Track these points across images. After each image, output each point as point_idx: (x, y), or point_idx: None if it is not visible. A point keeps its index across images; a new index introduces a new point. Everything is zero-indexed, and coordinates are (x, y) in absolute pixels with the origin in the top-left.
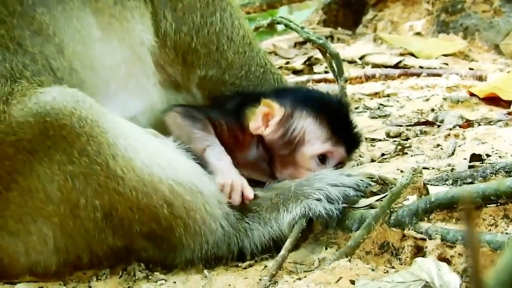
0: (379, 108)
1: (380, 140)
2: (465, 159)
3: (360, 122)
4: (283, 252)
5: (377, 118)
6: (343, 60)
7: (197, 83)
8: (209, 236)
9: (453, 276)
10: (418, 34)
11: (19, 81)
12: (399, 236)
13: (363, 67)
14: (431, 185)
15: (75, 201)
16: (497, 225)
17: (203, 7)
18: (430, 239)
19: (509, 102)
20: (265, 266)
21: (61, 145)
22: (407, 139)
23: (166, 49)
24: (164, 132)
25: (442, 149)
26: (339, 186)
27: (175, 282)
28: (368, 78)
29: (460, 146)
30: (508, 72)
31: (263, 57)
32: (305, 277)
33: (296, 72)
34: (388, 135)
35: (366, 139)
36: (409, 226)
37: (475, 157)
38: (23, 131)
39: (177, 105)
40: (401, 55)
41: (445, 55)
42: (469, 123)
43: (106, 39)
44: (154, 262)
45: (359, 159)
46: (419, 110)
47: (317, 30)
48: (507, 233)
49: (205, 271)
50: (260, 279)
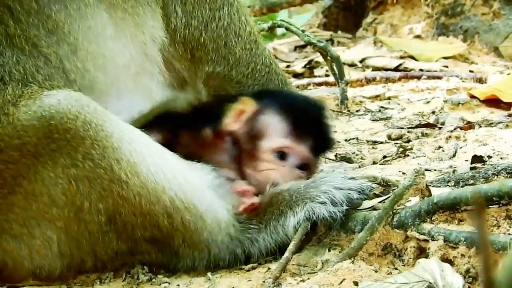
0: (380, 111)
1: (381, 142)
2: (466, 160)
3: (362, 124)
4: (286, 254)
5: (378, 120)
6: (344, 63)
7: (204, 79)
8: (210, 250)
9: (456, 277)
10: (418, 37)
11: (29, 85)
12: (402, 237)
13: (364, 70)
14: (433, 186)
15: (79, 204)
16: (499, 226)
17: (211, 1)
18: (433, 240)
19: (510, 104)
20: (269, 269)
21: (65, 148)
22: (408, 141)
23: (176, 44)
24: None
25: (443, 151)
26: (344, 189)
27: (178, 285)
28: (369, 81)
29: (461, 148)
30: (508, 74)
31: (268, 56)
32: (308, 279)
33: (297, 76)
34: (389, 137)
35: (367, 141)
36: (412, 227)
37: (476, 158)
38: (27, 134)
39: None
40: (401, 58)
41: (445, 58)
42: (470, 125)
43: (118, 36)
44: (157, 266)
45: (361, 161)
46: (420, 112)
47: (318, 33)
48: (509, 233)
49: (209, 274)
50: (264, 281)
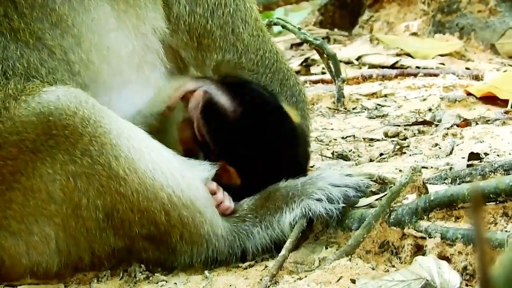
0: (376, 108)
1: (378, 140)
2: (463, 158)
3: (358, 122)
4: (283, 252)
5: (374, 118)
6: (340, 61)
7: (213, 67)
8: (208, 245)
9: (453, 274)
10: (414, 34)
11: (32, 80)
12: (399, 235)
13: (360, 68)
14: (430, 184)
15: (77, 201)
16: (496, 223)
17: None
18: (430, 237)
19: (506, 101)
20: (266, 266)
21: (63, 145)
22: (405, 138)
23: (179, 32)
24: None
25: (440, 148)
26: (341, 186)
27: (175, 283)
28: (365, 79)
29: (458, 145)
30: (505, 71)
31: (274, 45)
32: (305, 276)
33: None
34: (386, 135)
35: (364, 139)
36: (409, 224)
37: (473, 155)
38: (26, 130)
39: None
40: (398, 55)
41: (441, 55)
42: (466, 122)
43: (121, 27)
44: (154, 263)
45: (357, 159)
46: (416, 110)
47: (314, 31)
48: (506, 230)
49: (206, 272)
50: (261, 279)
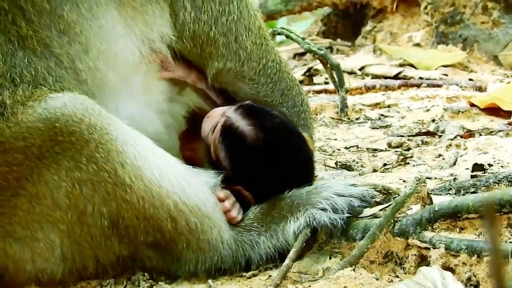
0: (380, 119)
1: (381, 150)
2: (467, 169)
3: (361, 132)
4: (287, 261)
5: (378, 128)
6: (343, 71)
7: (213, 75)
8: (213, 253)
9: (458, 285)
10: (417, 45)
11: (39, 87)
12: (403, 245)
13: (363, 78)
14: (434, 194)
15: (83, 208)
16: (500, 234)
17: None
18: (434, 248)
19: (509, 113)
20: (269, 276)
21: (69, 151)
22: (408, 149)
23: (184, 39)
24: (167, 133)
25: (443, 159)
26: (345, 196)
27: None
28: (369, 89)
29: (461, 156)
30: (508, 82)
31: (277, 54)
32: (309, 286)
33: None
34: (389, 145)
35: (367, 149)
36: (413, 235)
37: (477, 166)
38: (32, 136)
39: None
40: (401, 66)
41: (445, 66)
42: (470, 133)
43: (128, 34)
44: (158, 272)
45: (361, 169)
46: (420, 120)
47: (317, 41)
48: (511, 242)
49: (210, 281)
50: None
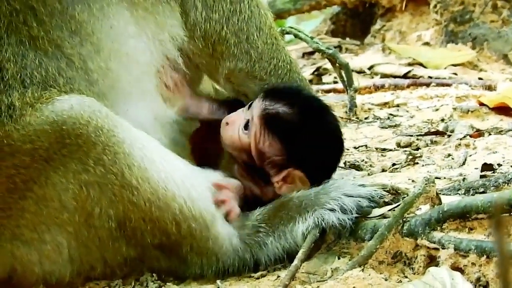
0: (389, 118)
1: (390, 150)
2: (476, 168)
3: (370, 132)
4: (296, 262)
5: (387, 128)
6: (352, 70)
7: (225, 75)
8: (218, 257)
9: (467, 286)
10: (427, 44)
11: (49, 89)
12: (412, 245)
13: (372, 77)
14: (443, 194)
15: (90, 210)
16: (510, 234)
17: None
18: (443, 248)
19: None
20: (278, 276)
21: (76, 154)
22: (417, 149)
23: (195, 39)
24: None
25: (453, 158)
26: (354, 197)
27: None
28: (378, 88)
29: (471, 155)
30: None
31: (287, 53)
32: (318, 287)
33: None
34: (398, 145)
35: (376, 149)
36: (422, 235)
37: (486, 166)
38: (39, 139)
39: None
40: (410, 65)
41: (454, 65)
42: (479, 133)
43: (140, 34)
44: (166, 273)
45: (370, 169)
46: (429, 120)
47: (326, 40)
48: None
49: (218, 282)
50: None
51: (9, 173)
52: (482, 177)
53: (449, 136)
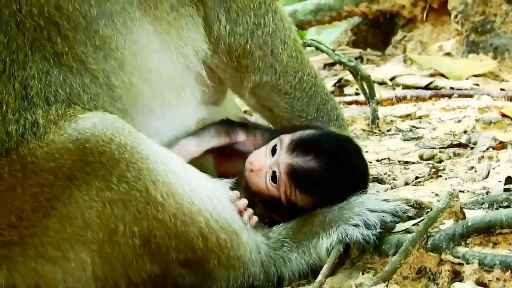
0: (411, 130)
1: (413, 163)
2: (500, 181)
3: (393, 144)
4: (320, 277)
5: (409, 140)
6: (374, 81)
7: (250, 89)
8: (244, 270)
9: None
10: (448, 54)
11: (73, 106)
12: (436, 260)
13: (394, 89)
14: (467, 208)
15: (114, 227)
16: None
17: (256, 7)
18: (468, 263)
19: None
20: None
21: (100, 171)
22: (440, 161)
23: (219, 53)
24: None
25: (476, 171)
26: (378, 212)
27: None
28: (399, 100)
29: (494, 168)
30: None
31: (312, 67)
32: None
33: None
34: (421, 157)
35: (399, 162)
36: (446, 250)
37: (510, 179)
38: (62, 157)
39: None
40: (432, 76)
41: (475, 76)
42: (502, 145)
43: (163, 49)
44: None
45: (393, 182)
46: (451, 132)
47: (347, 51)
48: None
49: None
50: None
51: (33, 191)
52: (506, 190)
53: (472, 148)
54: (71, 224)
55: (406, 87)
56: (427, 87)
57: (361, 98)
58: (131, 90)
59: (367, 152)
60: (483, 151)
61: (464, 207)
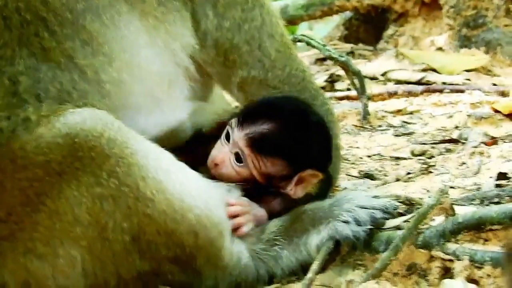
0: (402, 126)
1: (404, 158)
2: (491, 177)
3: (384, 140)
4: (310, 274)
5: (401, 136)
6: (365, 77)
7: (238, 84)
8: (234, 268)
9: None
10: (440, 49)
11: (64, 103)
12: (427, 257)
13: (385, 84)
14: (457, 205)
15: (104, 223)
16: None
17: (243, 1)
18: (458, 260)
19: None
20: None
21: (90, 167)
22: (431, 157)
23: (207, 48)
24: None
25: (467, 167)
26: (368, 208)
27: None
28: (391, 95)
29: (485, 164)
30: None
31: (301, 62)
32: None
33: None
34: (412, 153)
35: (390, 157)
36: (437, 247)
37: (501, 175)
38: (52, 152)
39: None
40: (423, 70)
41: (468, 71)
42: (493, 140)
43: (151, 44)
44: (181, 286)
45: (384, 178)
46: (443, 127)
47: (338, 46)
48: None
49: None
50: None
51: (22, 185)
52: (497, 186)
53: (463, 143)
54: (61, 220)
55: (398, 82)
56: (419, 82)
57: (353, 93)
58: (120, 86)
59: (358, 147)
60: (474, 147)
61: (454, 204)
